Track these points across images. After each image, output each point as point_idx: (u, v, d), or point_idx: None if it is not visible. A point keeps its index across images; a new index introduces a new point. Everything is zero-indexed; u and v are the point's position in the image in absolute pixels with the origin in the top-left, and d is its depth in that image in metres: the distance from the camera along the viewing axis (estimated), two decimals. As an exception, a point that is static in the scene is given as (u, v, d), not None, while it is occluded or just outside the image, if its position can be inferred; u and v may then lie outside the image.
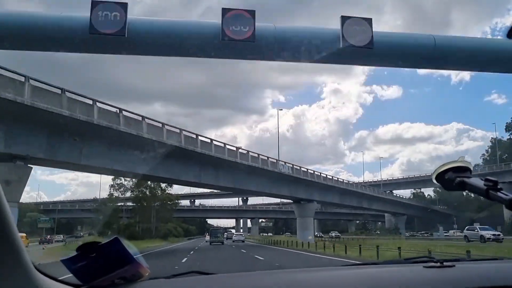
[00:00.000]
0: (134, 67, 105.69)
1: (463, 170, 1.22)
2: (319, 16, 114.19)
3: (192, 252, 27.20)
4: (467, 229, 36.97)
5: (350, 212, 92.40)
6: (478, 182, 1.16)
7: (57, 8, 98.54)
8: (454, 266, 1.37)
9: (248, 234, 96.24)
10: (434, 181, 1.26)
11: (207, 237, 56.84)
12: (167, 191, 63.97)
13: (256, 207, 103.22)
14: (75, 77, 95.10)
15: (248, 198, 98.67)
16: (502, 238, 32.97)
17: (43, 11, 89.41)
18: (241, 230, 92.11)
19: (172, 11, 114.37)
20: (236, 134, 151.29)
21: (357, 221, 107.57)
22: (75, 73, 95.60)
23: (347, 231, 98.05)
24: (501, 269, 1.46)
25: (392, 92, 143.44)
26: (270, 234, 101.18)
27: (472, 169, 1.25)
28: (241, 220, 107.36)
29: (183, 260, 19.16)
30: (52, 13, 12.74)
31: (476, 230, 34.75)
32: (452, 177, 1.21)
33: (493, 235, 32.98)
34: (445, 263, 1.38)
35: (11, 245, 0.98)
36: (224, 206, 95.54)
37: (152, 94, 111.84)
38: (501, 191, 1.09)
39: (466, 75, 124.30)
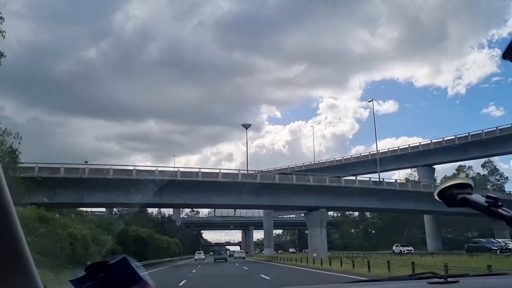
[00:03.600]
0: (127, 84, 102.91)
1: (464, 186, 1.23)
2: (315, 27, 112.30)
3: None
4: None
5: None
6: (480, 198, 1.17)
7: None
8: (458, 281, 1.37)
9: (292, 250, 75.89)
10: (436, 197, 1.28)
11: (196, 256, 53.27)
12: None
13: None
14: (67, 94, 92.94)
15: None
16: None
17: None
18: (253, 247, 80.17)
19: (165, 25, 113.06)
20: (232, 151, 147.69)
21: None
22: (67, 90, 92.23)
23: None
24: (505, 284, 1.44)
25: (389, 106, 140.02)
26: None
27: (473, 185, 1.26)
28: (254, 232, 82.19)
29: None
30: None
31: None
32: (454, 194, 1.22)
33: None
34: (449, 279, 1.37)
35: (25, 266, 1.01)
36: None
37: (146, 111, 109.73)
38: (502, 208, 1.10)
39: (462, 88, 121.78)
